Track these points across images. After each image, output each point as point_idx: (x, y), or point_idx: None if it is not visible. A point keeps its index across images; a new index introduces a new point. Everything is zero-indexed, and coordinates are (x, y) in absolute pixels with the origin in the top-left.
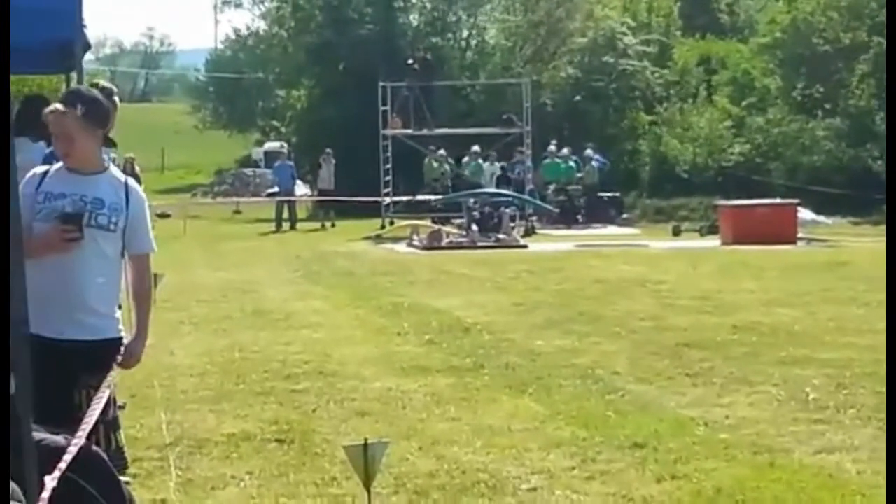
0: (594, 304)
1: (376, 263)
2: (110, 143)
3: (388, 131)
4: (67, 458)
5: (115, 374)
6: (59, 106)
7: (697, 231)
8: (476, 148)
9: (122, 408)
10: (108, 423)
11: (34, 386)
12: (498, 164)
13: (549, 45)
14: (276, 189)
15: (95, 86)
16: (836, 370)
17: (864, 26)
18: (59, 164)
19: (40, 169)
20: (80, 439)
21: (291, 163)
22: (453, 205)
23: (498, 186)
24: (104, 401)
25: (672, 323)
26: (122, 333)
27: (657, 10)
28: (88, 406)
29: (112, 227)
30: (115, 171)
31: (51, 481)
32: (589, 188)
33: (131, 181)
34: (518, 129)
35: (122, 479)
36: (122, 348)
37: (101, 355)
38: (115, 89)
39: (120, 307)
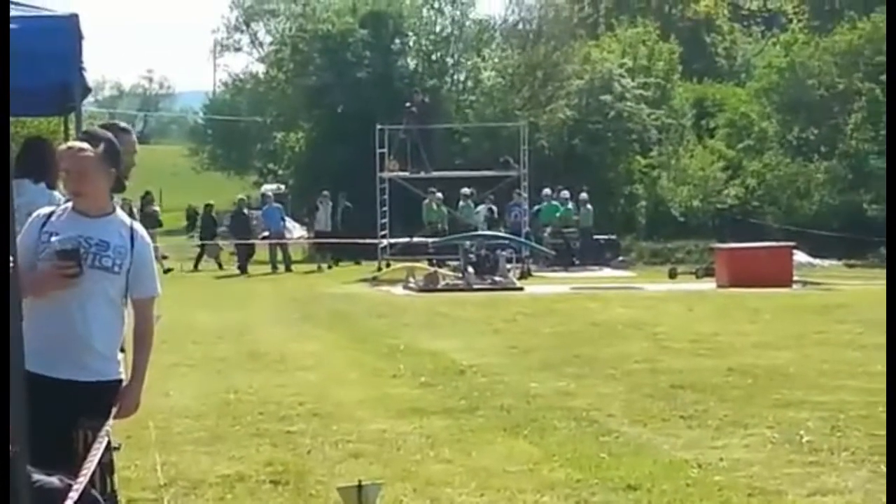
0: (590, 346)
1: (372, 306)
2: (120, 187)
3: (386, 174)
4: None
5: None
6: (79, 143)
7: (693, 274)
8: (465, 190)
9: (117, 449)
10: (103, 466)
11: (32, 425)
12: (485, 206)
13: (546, 87)
14: (267, 233)
15: (114, 125)
16: (831, 413)
17: (858, 72)
18: (65, 205)
19: (45, 210)
20: (81, 483)
21: (279, 205)
22: (449, 247)
23: (488, 228)
24: (104, 444)
25: (667, 365)
26: (122, 376)
27: (658, 55)
28: (85, 448)
29: (116, 269)
30: (121, 214)
31: None
32: (585, 231)
33: (137, 224)
34: (515, 172)
35: None
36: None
37: (101, 397)
38: (131, 128)
39: (122, 350)
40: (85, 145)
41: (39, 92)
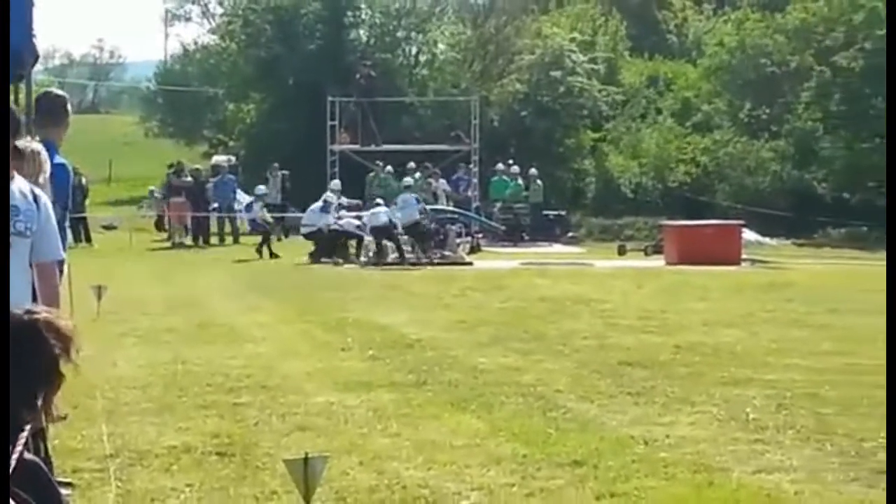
0: (538, 322)
1: (322, 279)
2: (16, 154)
3: (336, 146)
4: (8, 468)
5: None
6: None
7: (642, 251)
8: (411, 164)
9: (63, 419)
10: (36, 434)
11: None
12: (430, 181)
13: (497, 61)
14: (217, 204)
15: (49, 94)
16: (777, 391)
17: (809, 50)
18: None
19: None
20: (16, 451)
21: (233, 176)
22: None
23: (435, 203)
24: None
25: (615, 342)
26: None
27: (603, 30)
28: None
29: (28, 233)
30: (20, 179)
31: None
32: (535, 206)
33: (36, 188)
34: (466, 147)
35: (63, 491)
36: None
37: None
38: (67, 97)
39: None
40: None
41: None
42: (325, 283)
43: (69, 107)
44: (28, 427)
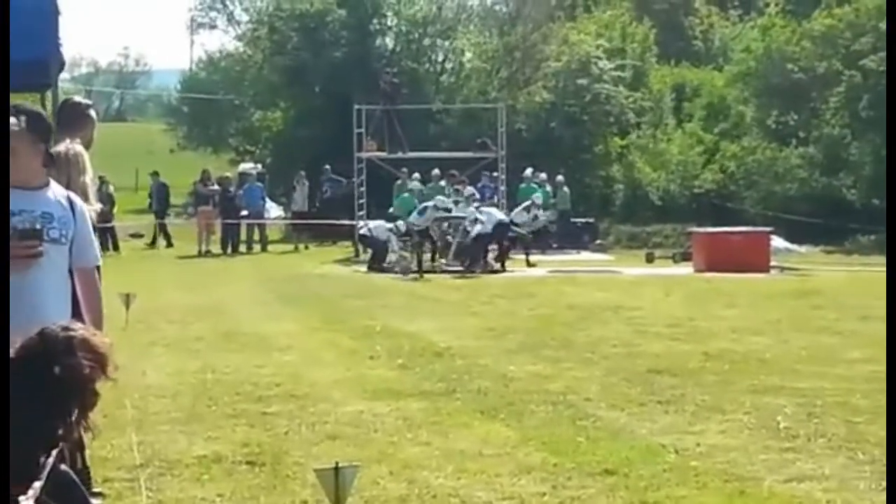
0: (567, 329)
1: (349, 287)
2: (50, 161)
3: (363, 154)
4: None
5: None
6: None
7: (671, 258)
8: (436, 171)
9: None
10: (73, 443)
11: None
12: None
13: (524, 69)
14: (246, 212)
15: (68, 101)
16: (808, 399)
17: (837, 55)
18: None
19: None
20: (49, 459)
21: (261, 184)
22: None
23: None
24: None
25: (644, 350)
26: None
27: (632, 36)
28: None
29: (63, 240)
30: (55, 185)
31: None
32: (562, 214)
33: (72, 194)
34: (493, 154)
35: (94, 501)
36: None
37: None
38: (90, 103)
39: None
40: (12, 119)
41: (16, 68)
42: (351, 291)
43: (93, 113)
44: (62, 443)
